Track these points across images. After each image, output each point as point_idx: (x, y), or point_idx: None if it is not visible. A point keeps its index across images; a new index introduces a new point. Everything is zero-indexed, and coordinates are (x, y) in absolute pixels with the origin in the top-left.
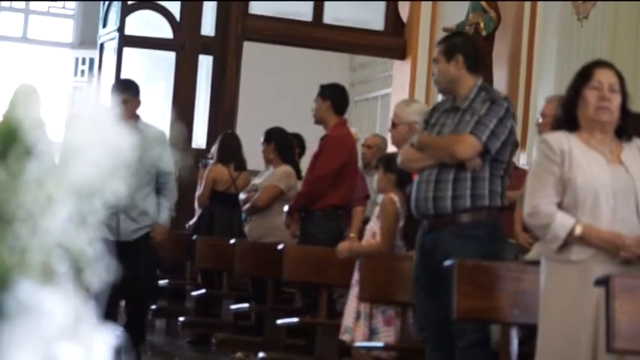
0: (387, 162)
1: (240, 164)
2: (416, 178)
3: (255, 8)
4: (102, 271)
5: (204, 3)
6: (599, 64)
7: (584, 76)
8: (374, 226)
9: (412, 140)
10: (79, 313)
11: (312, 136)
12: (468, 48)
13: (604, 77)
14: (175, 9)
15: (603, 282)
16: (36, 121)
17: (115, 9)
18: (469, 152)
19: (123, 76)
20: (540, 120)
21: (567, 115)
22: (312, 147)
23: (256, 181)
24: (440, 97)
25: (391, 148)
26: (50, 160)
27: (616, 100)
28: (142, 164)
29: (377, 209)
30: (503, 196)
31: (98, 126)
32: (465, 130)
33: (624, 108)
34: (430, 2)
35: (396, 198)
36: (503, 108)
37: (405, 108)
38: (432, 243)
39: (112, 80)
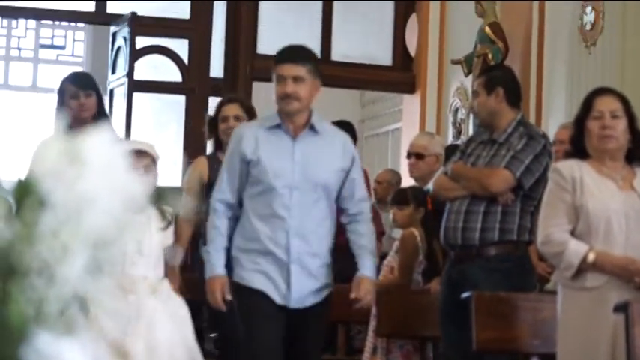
0: (401, 196)
1: None
2: (447, 207)
3: (262, 48)
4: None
5: (213, 45)
6: (599, 92)
7: (586, 106)
8: (392, 261)
9: (446, 169)
10: None
11: None
12: (509, 81)
13: (604, 105)
14: (184, 52)
15: (622, 308)
16: (50, 171)
17: (124, 54)
18: (502, 186)
19: (134, 121)
20: (555, 147)
21: (576, 147)
22: None
23: None
24: (451, 131)
25: (408, 182)
26: (65, 209)
27: (620, 126)
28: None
29: (395, 244)
30: (532, 232)
31: (112, 173)
32: (499, 164)
33: (633, 130)
34: (437, 35)
35: (416, 232)
36: (540, 145)
37: (431, 140)
38: (458, 275)
39: (123, 125)
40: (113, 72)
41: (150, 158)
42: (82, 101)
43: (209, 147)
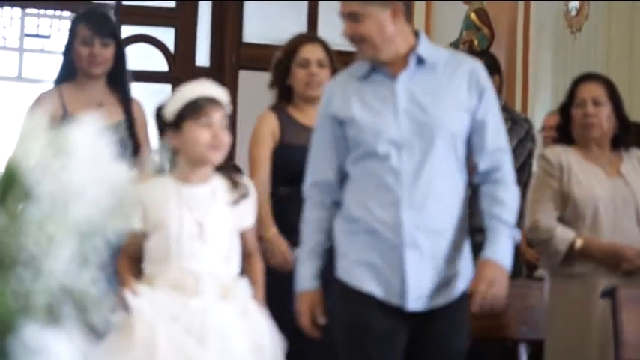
0: None
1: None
2: None
3: (248, 37)
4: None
5: (198, 34)
6: (582, 79)
7: (570, 93)
8: None
9: None
10: (85, 355)
11: None
12: (487, 67)
13: (586, 92)
14: (169, 41)
15: (609, 294)
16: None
17: None
18: None
19: None
20: (544, 133)
21: (563, 134)
22: None
23: None
24: None
25: None
26: (51, 201)
27: (603, 112)
28: None
29: None
30: (520, 217)
31: (98, 164)
32: None
33: (619, 116)
34: (423, 22)
35: None
36: (523, 129)
37: None
38: None
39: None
40: None
41: (224, 110)
42: (96, 51)
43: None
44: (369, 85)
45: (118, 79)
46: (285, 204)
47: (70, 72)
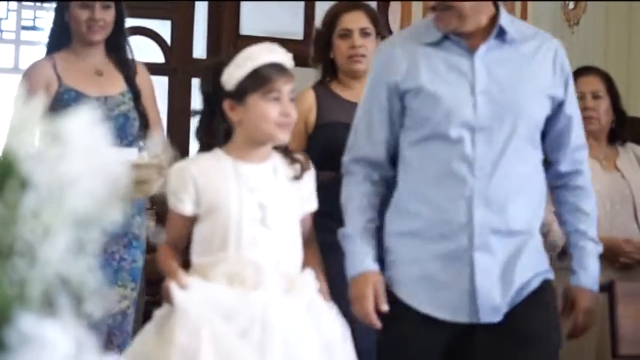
0: None
1: None
2: None
3: (246, 29)
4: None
5: (195, 26)
6: (581, 72)
7: None
8: None
9: None
10: (82, 345)
11: None
12: None
13: (585, 86)
14: (166, 33)
15: (606, 288)
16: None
17: None
18: None
19: None
20: None
21: None
22: None
23: None
24: None
25: None
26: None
27: (602, 106)
28: None
29: None
30: None
31: (95, 153)
32: None
33: (617, 109)
34: (420, 16)
35: None
36: None
37: None
38: None
39: None
40: None
41: (293, 80)
42: (97, 15)
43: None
44: (440, 55)
45: (119, 44)
46: (329, 191)
47: (65, 38)
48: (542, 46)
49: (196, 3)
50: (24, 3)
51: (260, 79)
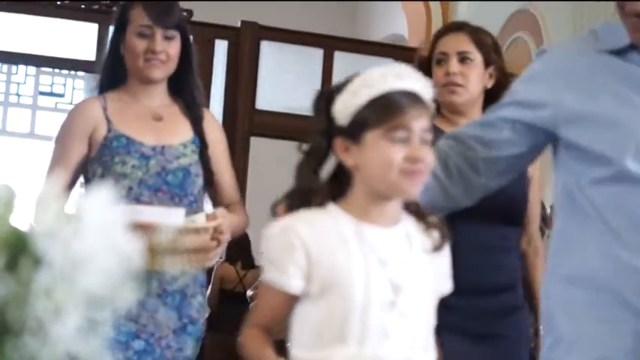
0: None
1: (247, 262)
2: None
3: (261, 104)
4: None
5: (212, 100)
6: None
7: None
8: None
9: None
10: None
11: None
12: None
13: None
14: None
15: None
16: (47, 228)
17: None
18: None
19: None
20: None
21: None
22: None
23: None
24: None
25: None
26: (61, 268)
27: None
28: None
29: None
30: None
31: (109, 232)
32: None
33: None
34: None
35: None
36: None
37: None
38: None
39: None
40: None
41: (429, 114)
42: (157, 46)
43: None
44: (624, 68)
45: (184, 84)
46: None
47: (120, 75)
48: None
49: (213, 75)
50: (42, 69)
51: (383, 110)
